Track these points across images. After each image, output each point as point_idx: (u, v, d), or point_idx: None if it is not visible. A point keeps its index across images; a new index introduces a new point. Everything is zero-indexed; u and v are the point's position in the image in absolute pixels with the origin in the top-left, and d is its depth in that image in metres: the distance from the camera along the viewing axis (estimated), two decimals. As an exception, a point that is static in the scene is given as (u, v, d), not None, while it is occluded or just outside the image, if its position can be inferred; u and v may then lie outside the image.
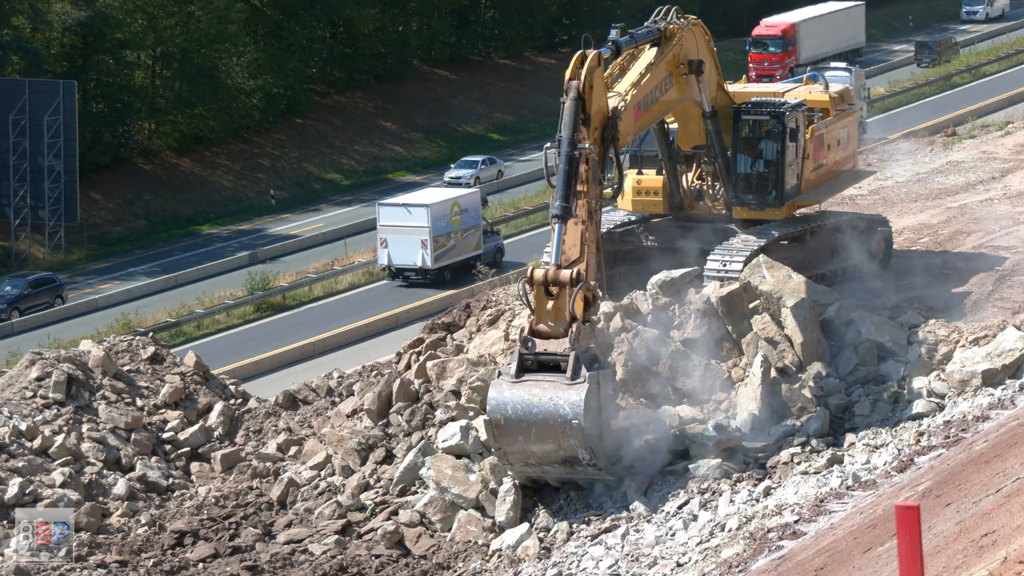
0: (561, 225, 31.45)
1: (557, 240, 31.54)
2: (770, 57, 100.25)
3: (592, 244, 32.13)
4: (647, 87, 34.95)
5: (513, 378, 31.11)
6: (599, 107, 32.51)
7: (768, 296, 35.42)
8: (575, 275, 31.04)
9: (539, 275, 31.20)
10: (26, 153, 72.75)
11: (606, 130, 32.63)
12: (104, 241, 76.69)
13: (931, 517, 22.52)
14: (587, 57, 32.23)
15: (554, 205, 31.54)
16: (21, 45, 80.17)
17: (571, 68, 32.14)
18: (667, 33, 36.21)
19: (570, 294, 30.97)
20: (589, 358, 31.23)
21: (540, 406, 30.80)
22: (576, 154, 31.61)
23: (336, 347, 57.19)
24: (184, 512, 34.57)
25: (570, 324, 31.06)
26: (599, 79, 32.58)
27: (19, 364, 38.84)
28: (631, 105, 33.86)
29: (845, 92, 42.65)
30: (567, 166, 31.53)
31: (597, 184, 32.18)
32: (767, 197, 38.90)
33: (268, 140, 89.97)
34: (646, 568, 28.16)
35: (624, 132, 33.53)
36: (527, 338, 31.26)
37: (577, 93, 31.85)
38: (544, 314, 31.24)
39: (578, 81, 31.89)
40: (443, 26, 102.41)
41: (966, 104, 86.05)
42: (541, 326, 31.31)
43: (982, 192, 51.56)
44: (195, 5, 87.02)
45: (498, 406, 31.10)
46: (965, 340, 34.59)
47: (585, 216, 31.85)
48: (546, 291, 31.16)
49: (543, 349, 31.17)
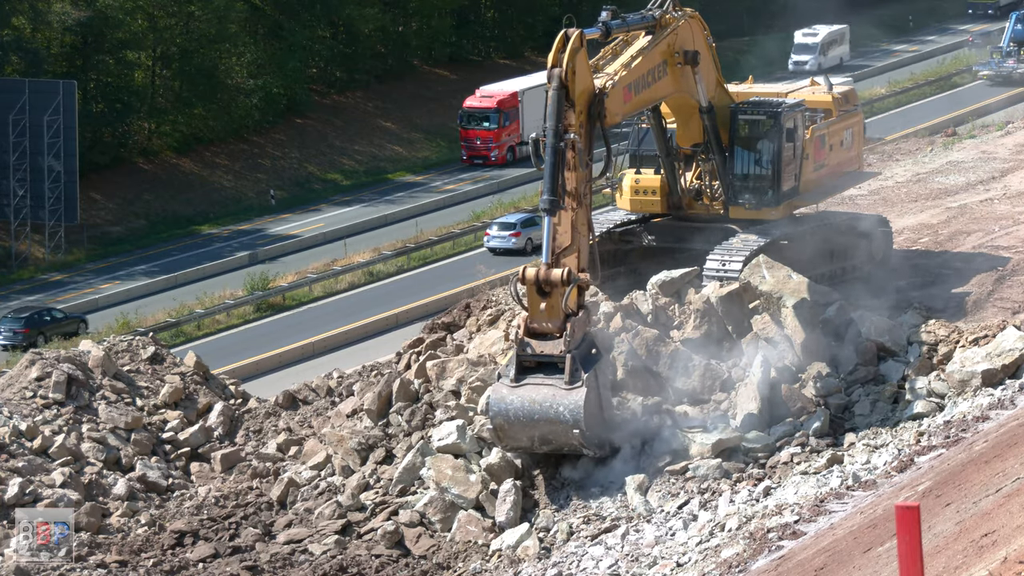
0: (550, 219, 31.49)
1: (547, 236, 31.59)
2: (484, 134, 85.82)
3: (583, 227, 32.12)
4: (638, 70, 34.61)
5: (512, 381, 31.33)
6: (584, 87, 32.08)
7: (768, 296, 35.42)
8: (566, 275, 31.09)
9: (531, 274, 31.27)
10: (26, 153, 72.70)
11: (592, 107, 32.23)
12: (104, 241, 76.65)
13: (931, 517, 22.52)
14: (569, 37, 31.73)
15: (542, 199, 31.56)
16: (21, 45, 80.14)
17: (553, 52, 31.68)
18: (662, 22, 36.04)
19: (562, 293, 31.05)
20: (585, 351, 31.44)
21: (541, 411, 31.22)
22: (562, 145, 31.50)
23: (336, 347, 57.16)
24: (184, 512, 34.56)
25: (564, 323, 31.15)
26: (582, 61, 32.12)
27: (19, 364, 38.85)
28: (621, 86, 33.55)
29: (850, 93, 42.60)
30: (553, 158, 31.43)
31: (584, 167, 32.03)
32: (764, 197, 38.89)
33: (268, 140, 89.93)
34: (646, 568, 28.16)
35: (612, 112, 33.12)
36: (523, 340, 31.37)
37: (560, 82, 31.54)
38: (538, 313, 31.36)
39: (560, 69, 31.54)
40: (443, 26, 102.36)
41: (966, 104, 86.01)
42: (536, 325, 31.39)
43: (982, 192, 51.54)
44: (195, 5, 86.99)
45: (500, 411, 31.48)
46: (965, 340, 34.60)
47: (574, 203, 31.82)
48: (539, 290, 31.23)
49: (540, 351, 31.35)
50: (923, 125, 79.70)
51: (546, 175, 31.50)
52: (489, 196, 79.29)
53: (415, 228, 73.09)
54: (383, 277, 66.51)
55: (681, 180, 39.34)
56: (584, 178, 32.04)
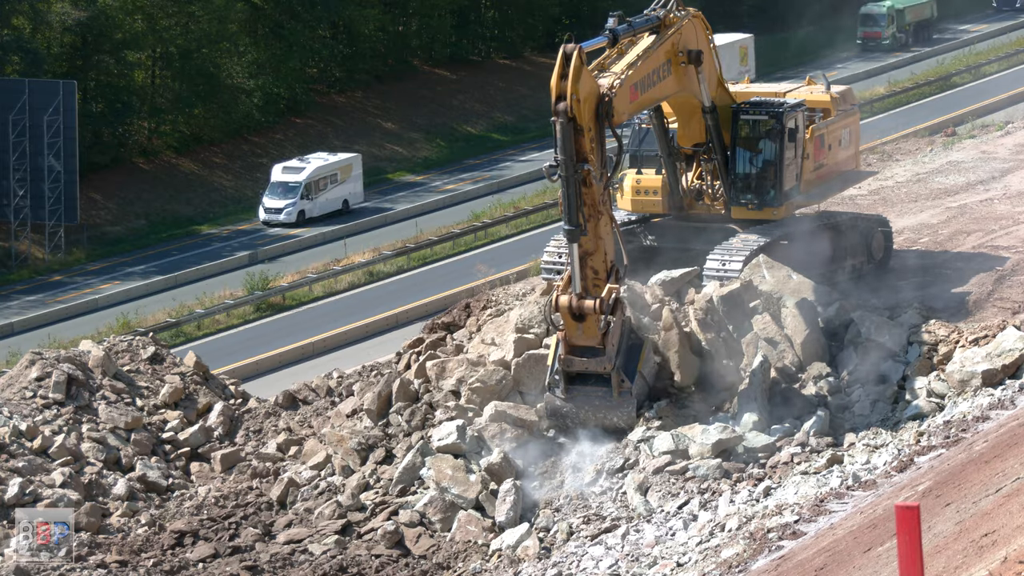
0: (575, 246, 31.98)
1: (576, 265, 32.12)
2: None
3: (607, 228, 32.56)
4: (643, 70, 34.56)
5: (563, 393, 33.01)
6: (588, 94, 31.89)
7: (768, 296, 35.43)
8: (598, 305, 31.89)
9: (564, 301, 32.19)
10: (26, 153, 72.66)
11: (599, 108, 32.16)
12: (104, 241, 76.61)
13: (931, 517, 22.52)
14: (569, 56, 31.39)
15: (564, 228, 31.99)
16: (21, 45, 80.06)
17: (555, 79, 31.29)
18: (666, 22, 36.03)
19: (598, 320, 31.74)
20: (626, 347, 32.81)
21: (595, 420, 33.22)
22: (577, 176, 31.65)
23: (336, 347, 57.13)
24: (184, 512, 34.56)
25: (602, 343, 32.16)
26: (586, 77, 31.91)
27: (19, 364, 38.83)
28: (626, 85, 33.50)
29: (847, 92, 42.61)
30: (570, 188, 31.70)
31: (600, 181, 32.12)
32: (766, 197, 38.89)
33: (268, 140, 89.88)
34: (646, 568, 28.16)
35: (619, 111, 33.08)
36: (567, 358, 32.59)
37: (567, 117, 31.35)
38: (576, 336, 32.47)
39: (565, 103, 31.23)
40: (443, 26, 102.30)
41: (966, 104, 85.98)
42: (575, 341, 32.48)
43: (982, 192, 51.54)
44: (195, 5, 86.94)
45: (555, 421, 33.47)
46: (965, 340, 34.61)
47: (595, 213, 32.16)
48: (573, 317, 32.09)
49: (584, 368, 32.78)
50: (923, 125, 79.68)
51: (565, 204, 31.87)
52: (489, 196, 79.28)
53: (415, 228, 73.07)
54: (383, 277, 66.49)
55: (682, 180, 39.33)
56: (601, 188, 32.28)
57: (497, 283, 43.88)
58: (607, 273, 32.53)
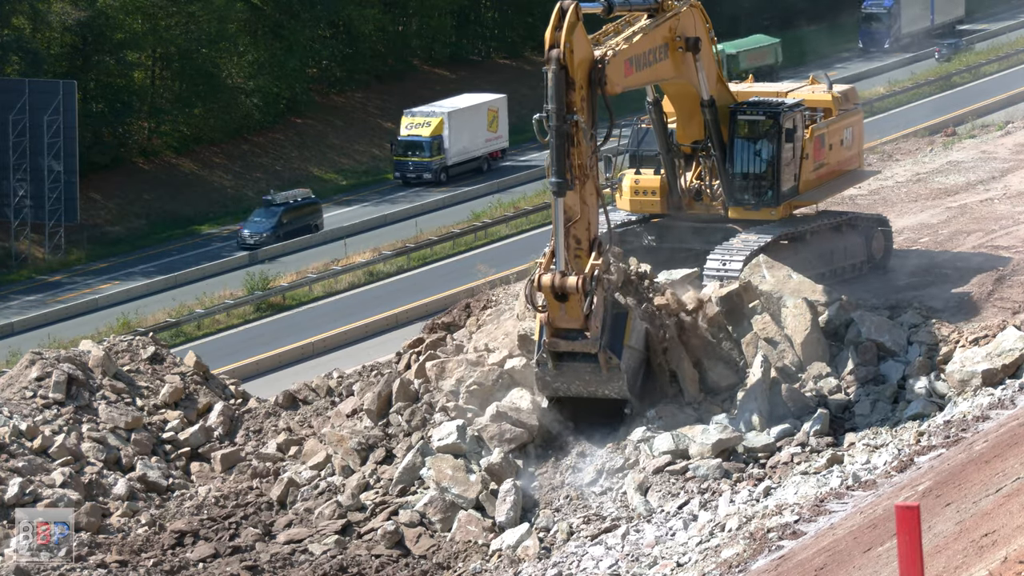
0: (560, 209, 31.57)
1: (559, 231, 31.65)
2: None
3: (592, 197, 32.25)
4: (639, 47, 34.26)
5: (553, 369, 32.70)
6: (583, 58, 31.70)
7: (768, 296, 35.44)
8: (581, 283, 31.38)
9: (547, 281, 31.63)
10: (26, 153, 72.71)
11: (592, 74, 31.93)
12: (104, 241, 76.64)
13: (931, 517, 22.52)
14: (565, 11, 31.28)
15: (551, 181, 31.57)
16: (21, 45, 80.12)
17: (550, 30, 31.17)
18: (664, 6, 35.92)
19: (580, 300, 31.32)
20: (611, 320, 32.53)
21: (587, 393, 33.10)
22: (566, 126, 31.44)
23: (336, 347, 57.12)
24: (184, 512, 34.55)
25: (585, 323, 31.70)
26: (580, 34, 31.64)
27: (19, 364, 38.82)
28: (622, 58, 33.23)
29: (850, 92, 42.59)
30: (559, 140, 31.35)
31: (589, 140, 31.81)
32: (764, 197, 38.89)
33: (268, 140, 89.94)
34: (646, 568, 28.16)
35: (613, 80, 32.66)
36: (552, 340, 32.30)
37: (559, 64, 31.23)
38: (559, 317, 32.02)
39: (558, 49, 31.13)
40: (443, 26, 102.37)
41: (966, 104, 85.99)
42: (558, 323, 32.13)
43: (982, 192, 51.58)
44: (195, 5, 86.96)
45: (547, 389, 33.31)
46: (965, 340, 34.62)
47: (581, 177, 31.84)
48: (556, 297, 31.64)
49: (570, 350, 32.40)
50: (923, 125, 79.70)
51: (553, 157, 31.44)
52: (489, 196, 79.30)
53: (415, 228, 73.09)
54: (383, 277, 66.50)
55: (681, 180, 39.33)
56: (589, 151, 31.98)
57: (497, 283, 43.87)
58: (589, 244, 32.12)
